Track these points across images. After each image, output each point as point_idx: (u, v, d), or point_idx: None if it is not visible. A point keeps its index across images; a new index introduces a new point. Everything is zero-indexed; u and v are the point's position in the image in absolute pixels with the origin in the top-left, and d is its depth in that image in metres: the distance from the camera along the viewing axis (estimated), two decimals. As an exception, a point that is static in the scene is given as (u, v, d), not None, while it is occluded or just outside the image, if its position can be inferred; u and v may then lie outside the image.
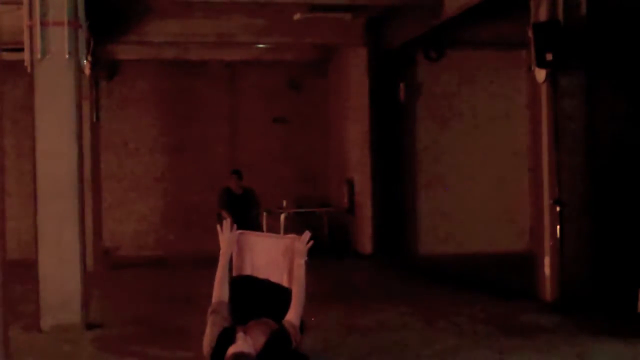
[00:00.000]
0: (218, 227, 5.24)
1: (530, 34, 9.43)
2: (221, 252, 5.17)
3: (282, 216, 15.33)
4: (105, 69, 15.66)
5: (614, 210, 9.76)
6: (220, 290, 5.03)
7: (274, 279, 5.26)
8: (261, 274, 5.29)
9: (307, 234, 5.11)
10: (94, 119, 14.27)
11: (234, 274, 5.31)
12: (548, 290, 9.56)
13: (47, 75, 8.73)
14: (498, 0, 10.61)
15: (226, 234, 5.18)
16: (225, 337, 4.72)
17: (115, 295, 11.38)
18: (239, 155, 16.82)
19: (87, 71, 10.95)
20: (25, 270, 9.19)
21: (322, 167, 17.23)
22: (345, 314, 9.55)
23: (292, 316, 4.90)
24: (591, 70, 9.56)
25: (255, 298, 5.18)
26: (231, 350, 4.61)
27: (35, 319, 8.77)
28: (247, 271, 5.31)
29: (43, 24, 8.63)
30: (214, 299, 5.03)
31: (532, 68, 9.69)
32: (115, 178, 16.53)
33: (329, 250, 14.63)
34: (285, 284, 5.19)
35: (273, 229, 14.29)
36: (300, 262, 5.06)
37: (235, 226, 5.27)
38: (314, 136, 17.24)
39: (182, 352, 7.58)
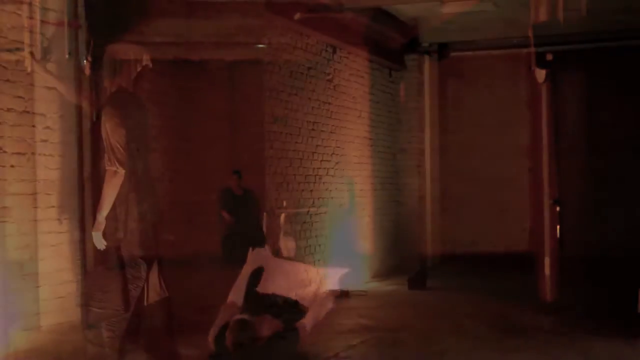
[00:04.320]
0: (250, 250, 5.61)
1: (530, 34, 9.44)
2: (245, 266, 5.45)
3: (282, 216, 15.31)
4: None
5: (614, 210, 9.77)
6: (236, 295, 5.17)
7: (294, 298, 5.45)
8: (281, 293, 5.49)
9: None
10: (94, 119, 14.25)
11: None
12: (548, 290, 9.56)
13: (47, 75, 8.71)
14: (498, 0, 10.62)
15: (253, 253, 5.51)
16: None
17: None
18: (239, 155, 16.79)
19: (87, 71, 10.94)
20: (27, 270, 9.14)
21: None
22: (345, 314, 9.55)
23: (308, 320, 5.02)
24: (591, 70, 9.57)
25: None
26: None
27: (35, 318, 8.75)
28: (269, 290, 5.50)
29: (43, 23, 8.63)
30: (229, 300, 5.15)
31: (532, 68, 9.70)
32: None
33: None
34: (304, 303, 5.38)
35: (273, 229, 14.27)
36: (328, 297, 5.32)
37: (263, 249, 5.69)
38: (313, 136, 17.20)
39: (183, 351, 7.57)
